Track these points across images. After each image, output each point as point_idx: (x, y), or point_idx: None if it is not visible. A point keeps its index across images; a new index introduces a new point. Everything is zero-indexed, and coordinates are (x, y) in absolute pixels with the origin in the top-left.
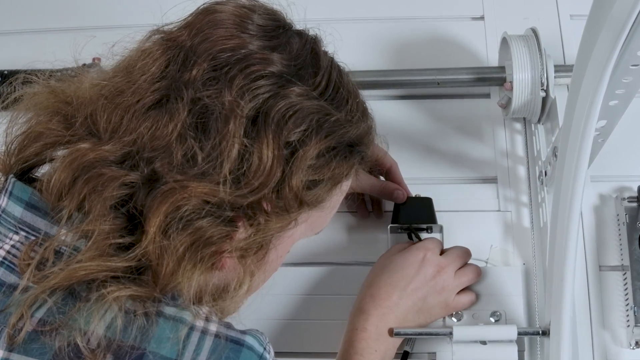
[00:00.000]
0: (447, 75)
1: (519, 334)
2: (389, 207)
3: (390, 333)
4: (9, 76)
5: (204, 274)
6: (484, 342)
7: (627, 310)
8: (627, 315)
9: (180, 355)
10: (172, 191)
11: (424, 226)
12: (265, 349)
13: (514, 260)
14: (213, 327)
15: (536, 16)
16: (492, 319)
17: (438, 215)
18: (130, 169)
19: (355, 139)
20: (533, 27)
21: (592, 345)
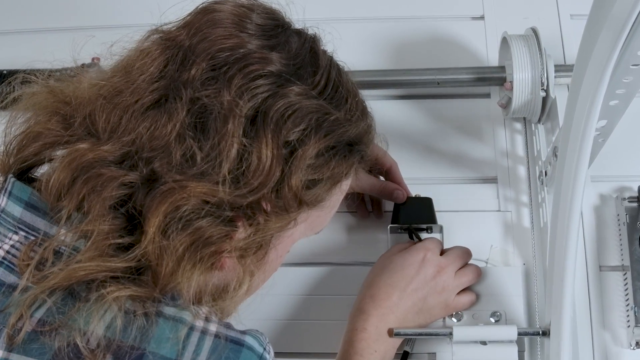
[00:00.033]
0: (447, 75)
1: (519, 334)
2: (389, 207)
3: (390, 333)
4: (8, 76)
5: (204, 274)
6: (484, 343)
7: (628, 310)
8: (628, 316)
9: (180, 355)
10: (171, 191)
11: (424, 226)
12: (265, 349)
13: (514, 260)
14: (213, 327)
15: (536, 16)
16: (492, 319)
17: (438, 215)
18: (129, 169)
19: (355, 138)
20: (533, 27)
21: (593, 345)
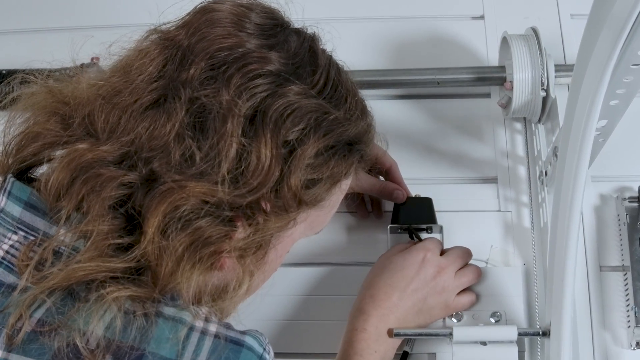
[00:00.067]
0: (447, 75)
1: (519, 334)
2: (389, 207)
3: (390, 334)
4: (7, 76)
5: (203, 274)
6: (484, 343)
7: (628, 310)
8: (628, 316)
9: (179, 355)
10: (170, 191)
11: (423, 226)
12: (265, 350)
13: (514, 260)
14: (212, 328)
15: (536, 15)
16: (493, 320)
17: (438, 215)
18: (129, 169)
19: (354, 138)
20: (533, 27)
21: (593, 346)
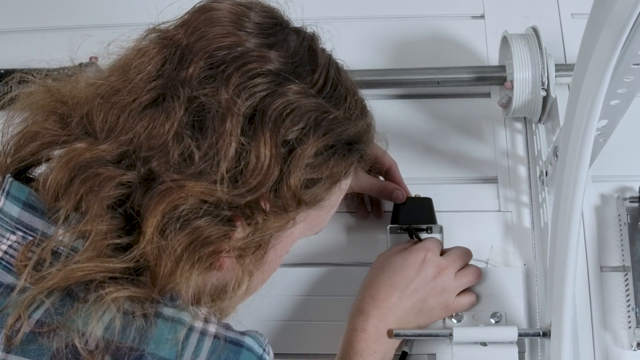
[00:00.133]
0: (447, 75)
1: (520, 335)
2: (389, 208)
3: (389, 334)
4: (5, 76)
5: (202, 274)
6: (484, 344)
7: (629, 311)
8: (629, 317)
9: (179, 356)
10: (169, 191)
11: (423, 226)
12: (265, 350)
13: (515, 261)
14: (212, 328)
15: (537, 15)
16: (493, 320)
17: (438, 215)
18: (127, 169)
19: (354, 137)
20: (534, 26)
21: (593, 346)
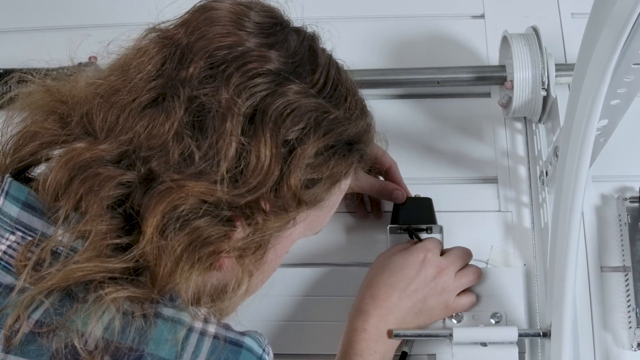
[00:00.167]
0: (447, 74)
1: (520, 335)
2: (389, 208)
3: (389, 335)
4: (4, 75)
5: (202, 275)
6: (484, 344)
7: (629, 311)
8: (629, 317)
9: (178, 356)
10: (169, 190)
11: (423, 227)
12: (265, 351)
13: (515, 261)
14: (212, 329)
15: (537, 14)
16: (493, 321)
17: (438, 215)
18: (127, 169)
19: (354, 137)
20: (534, 26)
21: (594, 347)
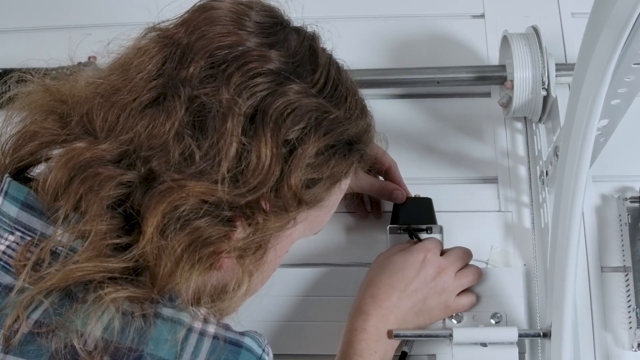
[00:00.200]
0: (447, 74)
1: (520, 335)
2: (388, 208)
3: (389, 335)
4: (3, 75)
5: (202, 275)
6: (484, 344)
7: (630, 312)
8: (630, 317)
9: (178, 357)
10: (169, 190)
11: (423, 227)
12: (264, 351)
13: (515, 261)
14: (211, 329)
15: (537, 14)
16: (493, 321)
17: (438, 215)
18: (127, 168)
19: (355, 137)
20: (534, 25)
21: (594, 347)
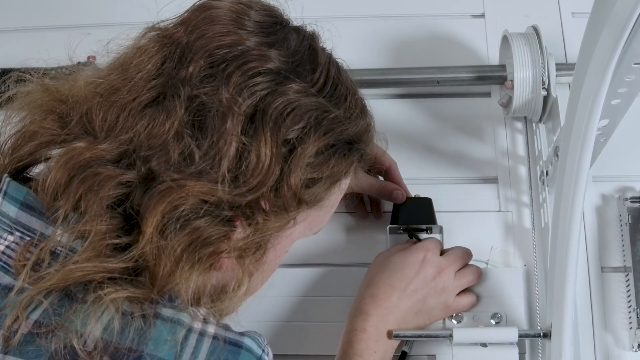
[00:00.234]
0: (447, 74)
1: (520, 336)
2: (388, 208)
3: (389, 335)
4: (2, 75)
5: (202, 275)
6: (484, 345)
7: (630, 312)
8: (630, 318)
9: (177, 357)
10: (169, 190)
11: (423, 227)
12: (264, 351)
13: (515, 261)
14: (211, 329)
15: (537, 14)
16: (493, 321)
17: (438, 215)
18: (127, 168)
19: (354, 137)
20: (534, 25)
21: (594, 347)
